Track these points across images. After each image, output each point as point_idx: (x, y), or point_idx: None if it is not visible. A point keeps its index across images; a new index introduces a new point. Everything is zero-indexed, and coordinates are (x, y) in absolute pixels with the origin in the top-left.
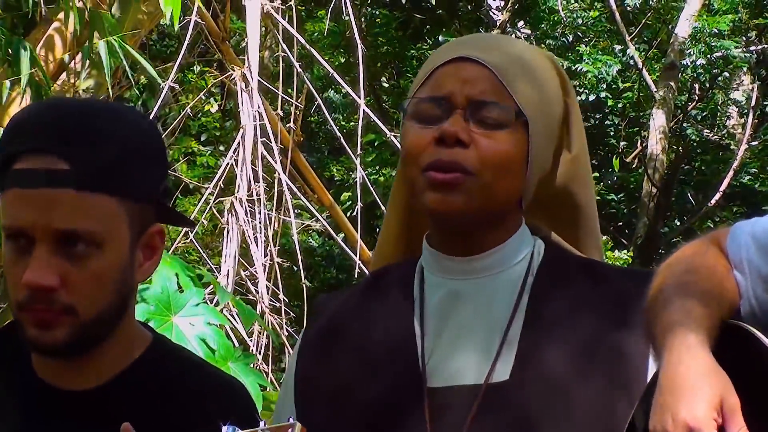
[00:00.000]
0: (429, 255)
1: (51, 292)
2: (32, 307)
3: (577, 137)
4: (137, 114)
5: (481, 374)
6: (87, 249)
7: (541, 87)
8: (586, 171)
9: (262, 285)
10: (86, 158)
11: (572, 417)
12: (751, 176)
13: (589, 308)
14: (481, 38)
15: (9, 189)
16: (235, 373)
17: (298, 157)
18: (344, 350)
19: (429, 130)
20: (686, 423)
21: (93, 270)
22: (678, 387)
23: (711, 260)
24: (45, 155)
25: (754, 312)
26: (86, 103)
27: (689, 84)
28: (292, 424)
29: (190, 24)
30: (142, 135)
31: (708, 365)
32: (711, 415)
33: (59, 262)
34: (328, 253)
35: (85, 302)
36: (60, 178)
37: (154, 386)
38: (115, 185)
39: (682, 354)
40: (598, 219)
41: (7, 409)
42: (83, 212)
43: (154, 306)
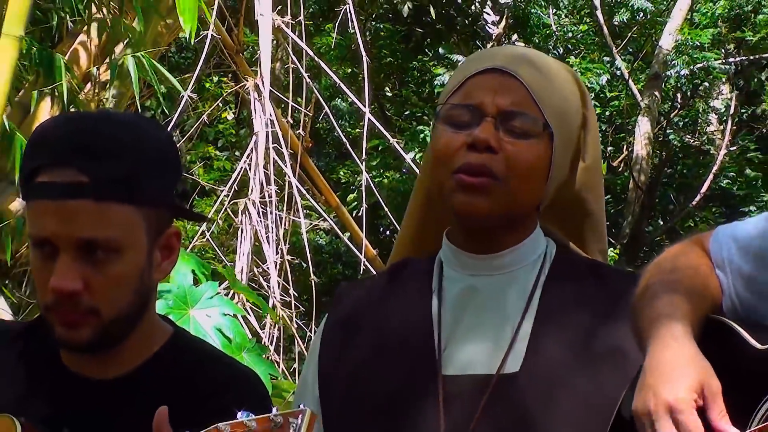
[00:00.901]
0: (449, 251)
1: (75, 296)
2: (58, 309)
3: (592, 147)
4: (153, 124)
5: (494, 365)
6: (107, 255)
7: (565, 99)
8: (599, 180)
9: (274, 281)
10: (104, 170)
11: (574, 407)
12: (729, 179)
13: (594, 307)
14: (512, 51)
15: (33, 200)
16: (248, 363)
17: (307, 161)
18: (364, 336)
19: (460, 135)
20: (667, 402)
21: (113, 274)
22: (662, 370)
23: (695, 260)
24: (65, 168)
25: (735, 308)
26: (103, 115)
27: (672, 93)
28: (302, 410)
29: (207, 38)
30: (157, 145)
31: (692, 352)
32: (691, 397)
33: (82, 268)
34: (335, 251)
35: (107, 304)
36: (80, 190)
37: (173, 376)
38: (132, 194)
39: (668, 341)
40: (605, 224)
41: (38, 397)
42: (102, 221)
43: (171, 301)
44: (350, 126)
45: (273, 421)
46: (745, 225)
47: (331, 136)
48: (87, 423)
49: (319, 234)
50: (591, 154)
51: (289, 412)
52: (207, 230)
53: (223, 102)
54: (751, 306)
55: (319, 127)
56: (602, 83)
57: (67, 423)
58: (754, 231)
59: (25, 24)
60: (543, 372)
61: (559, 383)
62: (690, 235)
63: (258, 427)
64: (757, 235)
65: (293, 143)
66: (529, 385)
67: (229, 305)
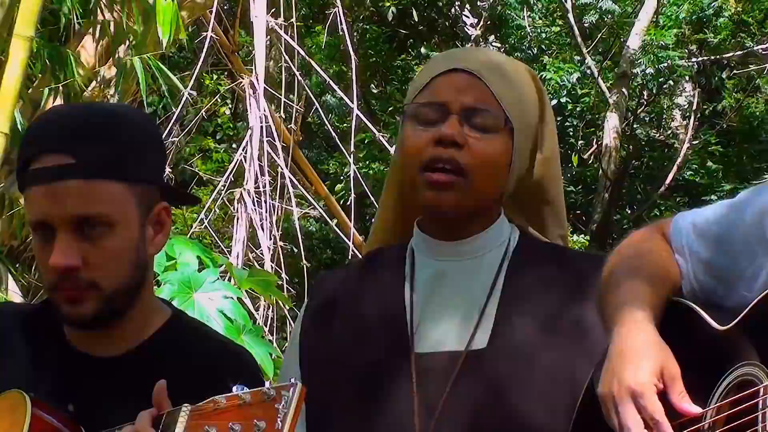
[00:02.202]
0: (420, 239)
1: (75, 271)
2: (62, 287)
3: (550, 140)
4: (134, 111)
5: (462, 342)
6: (101, 230)
7: (524, 96)
8: (557, 170)
9: (268, 265)
10: (89, 151)
11: (539, 380)
12: (692, 171)
13: (555, 287)
14: (474, 52)
15: (28, 188)
16: (247, 344)
17: (298, 153)
18: (341, 319)
19: (428, 131)
20: (630, 387)
21: (109, 248)
22: (624, 356)
23: (656, 246)
24: (54, 154)
25: (695, 291)
26: (88, 105)
27: (638, 90)
28: (293, 384)
29: (205, 38)
30: (138, 128)
31: (652, 338)
32: (652, 381)
33: (79, 245)
34: (325, 237)
35: (105, 277)
36: (68, 171)
37: (172, 353)
38: (117, 171)
39: (630, 327)
40: (565, 211)
41: (46, 374)
42: (93, 198)
43: (177, 286)
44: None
45: (266, 393)
46: (704, 212)
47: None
48: (91, 398)
49: (309, 221)
50: (548, 146)
51: (280, 385)
52: (205, 218)
53: (221, 98)
54: (710, 289)
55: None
56: (573, 81)
57: (72, 398)
58: (712, 217)
59: (35, 25)
60: (509, 348)
61: (524, 358)
62: (654, 221)
63: (252, 399)
64: (714, 222)
65: (285, 137)
66: (496, 360)
67: (230, 289)
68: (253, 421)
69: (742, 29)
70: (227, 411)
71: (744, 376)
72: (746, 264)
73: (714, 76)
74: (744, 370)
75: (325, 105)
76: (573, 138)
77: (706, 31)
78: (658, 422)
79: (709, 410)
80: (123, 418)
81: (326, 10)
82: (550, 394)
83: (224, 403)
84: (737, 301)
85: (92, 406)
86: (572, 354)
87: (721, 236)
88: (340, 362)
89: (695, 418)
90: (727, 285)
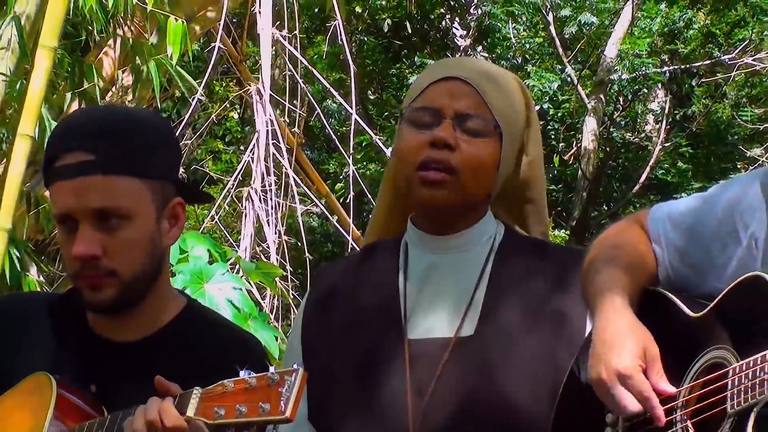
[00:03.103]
0: (413, 233)
1: (96, 260)
2: (83, 274)
3: (534, 144)
4: (150, 113)
5: (452, 329)
6: (119, 222)
7: (512, 103)
8: (540, 171)
9: (273, 258)
10: (108, 149)
11: (523, 365)
12: (664, 171)
13: (538, 278)
14: (466, 62)
15: (53, 183)
16: (254, 329)
17: (301, 155)
18: (340, 307)
19: (423, 134)
20: (618, 370)
21: (127, 238)
22: (608, 341)
23: (634, 236)
24: (75, 151)
25: (670, 279)
26: (108, 107)
27: (615, 96)
28: (295, 369)
29: (215, 49)
30: (153, 128)
31: (632, 322)
32: (637, 363)
33: (99, 236)
34: (325, 232)
35: (124, 265)
36: (88, 167)
37: (186, 339)
38: (134, 167)
39: (610, 314)
40: (547, 209)
41: (69, 358)
42: (111, 192)
43: (189, 277)
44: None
45: (270, 378)
46: (678, 204)
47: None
48: (111, 379)
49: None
50: (533, 150)
51: (284, 371)
52: (216, 214)
53: (230, 104)
54: (684, 277)
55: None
56: (555, 88)
57: (94, 380)
58: (686, 209)
59: (59, 37)
60: (495, 334)
61: (509, 344)
62: (630, 215)
63: (257, 383)
64: (688, 213)
65: (289, 139)
66: (483, 346)
67: (238, 280)
68: (258, 404)
69: (710, 40)
70: (235, 394)
71: (714, 359)
72: (717, 254)
73: (684, 84)
74: (714, 353)
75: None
76: (554, 140)
77: (677, 42)
78: (647, 398)
79: (682, 389)
80: (140, 398)
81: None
82: (533, 378)
83: (232, 387)
84: (709, 290)
85: (112, 387)
86: (554, 341)
87: (694, 227)
88: (339, 347)
89: (670, 396)
90: (700, 274)
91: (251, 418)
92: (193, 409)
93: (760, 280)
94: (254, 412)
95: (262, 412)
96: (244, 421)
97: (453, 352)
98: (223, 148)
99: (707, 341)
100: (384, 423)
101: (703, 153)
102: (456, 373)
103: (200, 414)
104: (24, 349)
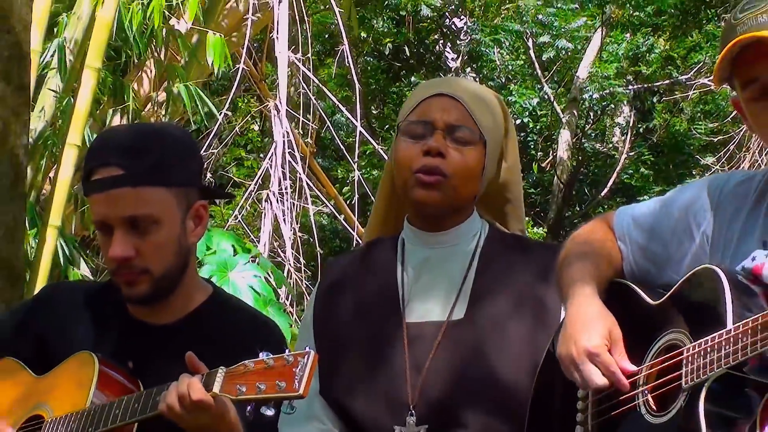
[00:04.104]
0: (409, 230)
1: (130, 260)
2: (120, 273)
3: (512, 151)
4: (173, 127)
5: (444, 314)
6: (149, 226)
7: (494, 116)
8: (518, 175)
9: (289, 252)
10: (136, 164)
11: (506, 344)
12: (628, 176)
13: (519, 269)
14: (453, 80)
15: (90, 195)
16: (271, 315)
17: (313, 162)
18: (347, 296)
19: (417, 144)
20: (586, 349)
21: (156, 240)
22: (578, 324)
23: (602, 235)
24: (108, 167)
25: (633, 272)
26: (136, 126)
27: (586, 112)
28: (308, 352)
29: (238, 70)
30: (176, 141)
31: (600, 309)
32: (603, 342)
33: (131, 239)
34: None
35: (154, 264)
36: (119, 181)
37: (212, 323)
38: (159, 178)
39: (581, 301)
40: (523, 208)
41: (110, 338)
42: (140, 201)
43: (215, 267)
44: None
45: (286, 359)
46: (641, 206)
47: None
48: (146, 357)
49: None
50: (511, 157)
51: (298, 353)
52: (239, 214)
53: (251, 117)
54: (645, 270)
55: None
56: (534, 104)
57: (131, 357)
58: (647, 211)
59: (102, 59)
60: (482, 318)
61: (494, 326)
62: (599, 215)
63: (275, 364)
64: (649, 214)
65: (303, 148)
66: (472, 328)
67: (258, 269)
68: (275, 381)
69: (669, 63)
70: (255, 373)
71: (671, 341)
72: (674, 249)
73: (646, 101)
74: (671, 336)
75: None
76: (533, 150)
77: (640, 64)
78: (613, 373)
79: (643, 367)
80: (171, 373)
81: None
82: (515, 355)
83: (252, 367)
84: (667, 281)
85: (147, 364)
86: (534, 324)
87: (654, 226)
88: (346, 329)
89: (633, 373)
90: (659, 267)
91: (269, 394)
92: (219, 386)
93: (711, 272)
94: (272, 389)
95: (278, 389)
96: (263, 397)
97: (446, 334)
98: (245, 155)
99: (665, 325)
100: (386, 395)
101: (662, 161)
102: (449, 352)
103: (225, 391)
104: (70, 331)
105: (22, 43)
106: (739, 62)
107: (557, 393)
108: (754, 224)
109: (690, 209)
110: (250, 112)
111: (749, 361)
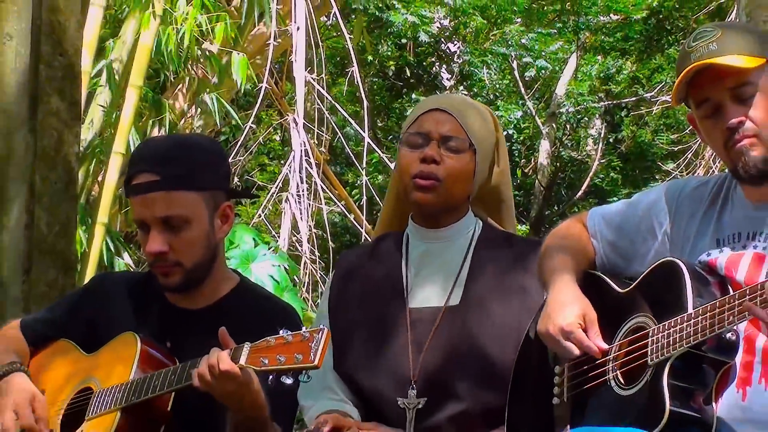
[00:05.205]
0: (413, 227)
1: (164, 255)
2: (156, 265)
3: (503, 157)
4: (202, 137)
5: (442, 300)
6: (181, 225)
7: (484, 127)
8: (508, 178)
9: (305, 246)
10: (169, 171)
11: (495, 326)
12: (600, 180)
13: (508, 262)
14: (449, 97)
15: (130, 197)
16: (288, 299)
17: (326, 168)
18: (357, 283)
19: (416, 153)
20: (562, 326)
21: (187, 237)
22: (557, 305)
23: (577, 232)
24: (145, 173)
25: (604, 264)
26: (170, 137)
27: (563, 125)
28: (321, 329)
29: (262, 88)
30: (205, 150)
31: (576, 293)
32: (578, 322)
33: (165, 237)
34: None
35: (186, 258)
36: (154, 186)
37: (239, 307)
38: (190, 183)
39: (560, 287)
40: (513, 208)
41: (150, 321)
42: (173, 204)
43: (239, 260)
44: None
45: (303, 335)
46: (610, 207)
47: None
48: (182, 337)
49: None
50: (502, 162)
51: (313, 329)
52: (262, 213)
53: (273, 129)
54: (615, 263)
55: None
56: (518, 117)
57: (169, 337)
58: (615, 211)
59: (144, 78)
60: (475, 304)
61: (486, 311)
62: (575, 214)
63: (293, 339)
64: (617, 214)
65: (317, 156)
66: (466, 312)
67: (277, 259)
68: (294, 354)
69: (635, 82)
70: (276, 347)
71: (637, 324)
72: (639, 245)
73: (616, 115)
74: (637, 319)
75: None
76: (517, 158)
77: (611, 83)
78: (587, 347)
79: (613, 347)
80: (204, 351)
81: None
82: (502, 336)
83: (273, 342)
84: (633, 273)
85: (182, 344)
86: (519, 308)
87: (622, 225)
88: (356, 313)
89: (605, 351)
90: (626, 260)
91: (288, 365)
92: (245, 358)
93: (671, 264)
94: (290, 360)
95: (296, 360)
96: (283, 367)
97: (443, 317)
98: (268, 162)
99: (632, 310)
100: (391, 371)
101: (630, 167)
102: (446, 333)
103: (250, 363)
104: (116, 315)
105: (74, 64)
106: (693, 85)
107: (535, 367)
108: (708, 224)
109: (653, 210)
110: (272, 124)
111: (707, 341)
